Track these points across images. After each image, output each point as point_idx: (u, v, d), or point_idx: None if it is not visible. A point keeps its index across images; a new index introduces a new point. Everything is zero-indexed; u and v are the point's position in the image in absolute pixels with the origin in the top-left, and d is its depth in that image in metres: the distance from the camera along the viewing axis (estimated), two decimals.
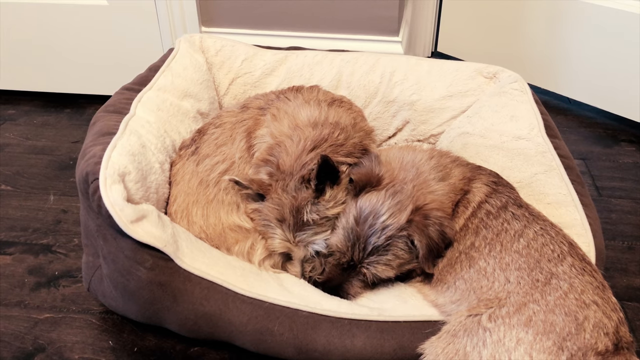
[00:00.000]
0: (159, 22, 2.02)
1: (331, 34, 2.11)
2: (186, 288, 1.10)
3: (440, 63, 1.68)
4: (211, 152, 1.28)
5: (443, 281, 1.11)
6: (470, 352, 0.97)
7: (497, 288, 1.02)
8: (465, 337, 0.99)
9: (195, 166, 1.27)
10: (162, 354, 1.21)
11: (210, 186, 1.24)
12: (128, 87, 1.46)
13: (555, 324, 0.96)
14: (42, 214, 1.62)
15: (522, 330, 0.96)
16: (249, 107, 1.36)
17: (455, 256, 1.11)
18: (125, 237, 1.08)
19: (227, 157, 1.27)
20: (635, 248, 1.51)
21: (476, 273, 1.06)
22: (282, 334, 1.09)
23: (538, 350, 0.94)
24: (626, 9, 1.87)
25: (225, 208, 1.24)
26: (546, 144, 1.35)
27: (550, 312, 0.97)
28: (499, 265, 1.05)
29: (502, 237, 1.09)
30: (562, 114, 2.12)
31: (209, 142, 1.30)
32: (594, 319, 0.96)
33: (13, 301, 1.34)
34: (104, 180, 1.07)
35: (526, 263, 1.04)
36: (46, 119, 2.11)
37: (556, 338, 0.95)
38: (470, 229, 1.13)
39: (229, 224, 1.23)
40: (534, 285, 1.00)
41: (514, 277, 1.03)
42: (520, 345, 0.95)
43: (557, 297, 0.99)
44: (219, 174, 1.25)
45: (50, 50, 2.09)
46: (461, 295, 1.06)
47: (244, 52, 1.70)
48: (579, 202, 1.21)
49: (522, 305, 0.99)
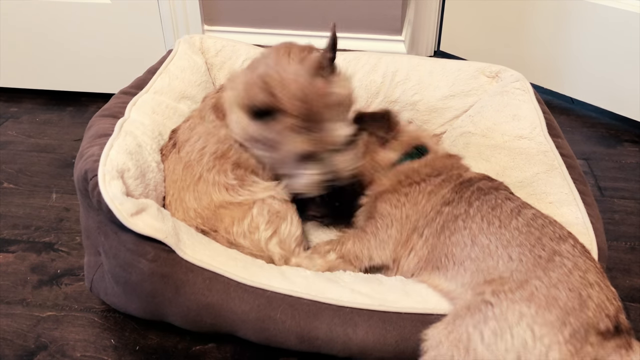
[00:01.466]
0: (162, 20, 2.02)
1: None
2: (188, 279, 1.11)
3: (442, 62, 1.68)
4: (187, 137, 1.30)
5: (447, 265, 1.10)
6: (472, 333, 0.95)
7: (501, 267, 1.01)
8: (468, 315, 0.97)
9: (178, 154, 1.30)
10: (164, 352, 1.21)
11: (194, 165, 1.26)
12: (125, 91, 1.47)
13: (558, 299, 0.94)
14: (44, 212, 1.62)
15: (524, 305, 0.94)
16: (207, 96, 1.40)
17: (449, 220, 1.13)
18: (126, 231, 1.09)
19: (202, 134, 1.29)
20: (638, 249, 1.50)
21: (481, 252, 1.06)
22: (284, 322, 1.09)
23: (540, 323, 0.92)
24: (630, 9, 1.86)
25: (213, 187, 1.25)
26: (548, 143, 1.35)
27: (554, 287, 0.95)
28: (500, 242, 1.05)
29: (499, 213, 1.09)
30: (564, 114, 2.12)
31: (183, 131, 1.33)
32: (597, 299, 0.95)
33: (15, 299, 1.34)
34: (103, 176, 1.08)
35: (527, 240, 1.03)
36: (49, 117, 2.12)
37: (559, 312, 0.93)
38: (463, 198, 1.15)
39: (220, 202, 1.24)
40: (537, 262, 0.99)
41: (516, 254, 1.02)
42: (522, 320, 0.93)
43: (560, 273, 0.97)
44: (198, 151, 1.27)
45: (53, 48, 2.09)
46: (471, 277, 1.05)
47: (245, 52, 1.70)
48: (580, 201, 1.21)
49: (525, 282, 0.97)
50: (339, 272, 1.24)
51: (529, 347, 0.92)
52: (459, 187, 1.19)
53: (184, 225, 1.20)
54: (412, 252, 1.20)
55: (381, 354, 1.09)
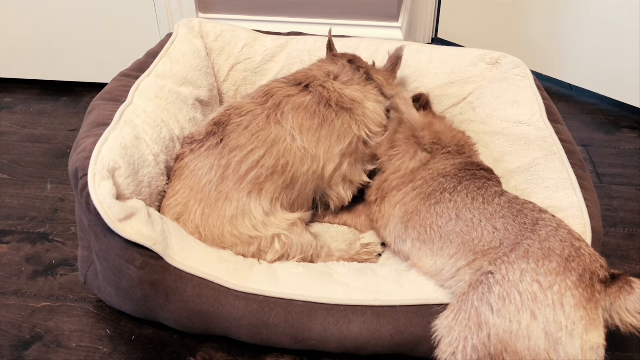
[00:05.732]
0: (156, 9, 2.00)
1: (330, 20, 2.08)
2: (178, 286, 1.09)
3: (442, 50, 1.66)
4: (245, 142, 1.18)
5: (433, 239, 1.11)
6: (480, 306, 0.94)
7: (487, 238, 1.02)
8: (472, 291, 0.96)
9: (219, 160, 1.17)
10: (160, 342, 1.20)
11: (230, 180, 1.16)
12: (126, 74, 1.43)
13: (553, 249, 0.94)
14: (39, 203, 1.61)
15: (523, 262, 0.94)
16: (269, 92, 1.28)
17: (438, 190, 1.15)
18: (115, 236, 1.06)
19: (268, 141, 1.19)
20: (636, 235, 1.49)
21: (465, 225, 1.06)
22: (277, 325, 1.08)
23: (544, 274, 0.91)
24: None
25: (234, 214, 1.16)
26: (548, 129, 1.34)
27: (545, 240, 0.96)
28: (483, 215, 1.06)
29: (484, 192, 1.11)
30: (563, 101, 2.10)
31: (239, 132, 1.20)
32: (589, 250, 0.96)
33: (10, 290, 1.33)
34: (93, 176, 1.05)
35: (510, 212, 1.05)
36: (43, 107, 2.10)
37: (559, 260, 0.92)
38: (457, 176, 1.16)
39: (230, 228, 1.17)
40: (523, 228, 1.00)
41: (501, 224, 1.03)
42: (525, 275, 0.92)
43: (548, 231, 0.98)
44: (253, 162, 1.17)
45: (46, 38, 2.07)
46: (457, 249, 1.06)
47: (245, 37, 1.68)
48: (577, 185, 1.20)
49: (516, 244, 0.98)
50: (333, 264, 1.24)
51: (540, 300, 0.90)
52: (461, 166, 1.20)
53: (175, 227, 1.15)
54: (403, 198, 1.21)
55: (376, 349, 1.09)
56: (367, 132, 1.30)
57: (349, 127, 1.27)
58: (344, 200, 1.36)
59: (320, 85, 1.29)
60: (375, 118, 1.32)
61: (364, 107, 1.30)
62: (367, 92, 1.35)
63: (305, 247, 1.24)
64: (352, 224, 1.41)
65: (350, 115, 1.28)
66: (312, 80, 1.31)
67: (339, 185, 1.32)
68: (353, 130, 1.27)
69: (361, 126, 1.28)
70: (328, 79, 1.33)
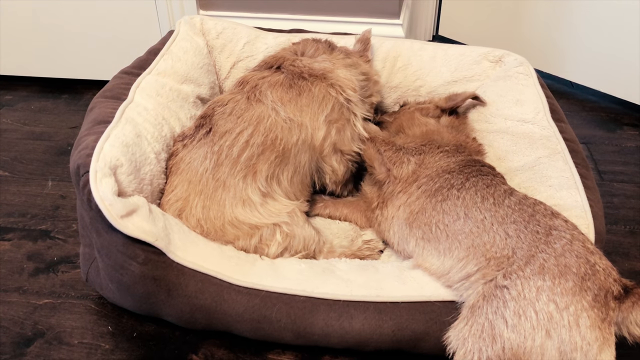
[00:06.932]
0: (157, 5, 1.99)
1: (331, 17, 2.08)
2: (180, 282, 1.09)
3: (444, 48, 1.65)
4: (232, 126, 1.21)
5: (439, 238, 1.10)
6: (494, 320, 0.93)
7: (499, 244, 1.00)
8: (485, 304, 0.95)
9: (211, 146, 1.19)
10: (162, 338, 1.21)
11: (225, 165, 1.18)
12: (127, 71, 1.43)
13: (569, 266, 0.93)
14: (40, 200, 1.61)
15: (539, 279, 0.92)
16: (244, 79, 1.33)
17: (445, 186, 1.13)
18: (117, 232, 1.06)
19: (253, 119, 1.21)
20: (637, 232, 1.50)
21: (475, 226, 1.05)
22: (279, 321, 1.08)
23: (560, 293, 0.90)
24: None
25: (233, 199, 1.18)
26: (551, 128, 1.34)
27: (561, 256, 0.94)
28: (495, 218, 1.04)
29: (493, 191, 1.09)
30: (564, 98, 2.10)
31: (224, 118, 1.23)
32: (602, 265, 0.95)
33: (12, 287, 1.33)
34: (94, 173, 1.04)
35: (521, 217, 1.03)
36: (44, 105, 2.09)
37: (575, 278, 0.91)
38: (463, 172, 1.15)
39: (231, 218, 1.18)
40: (536, 237, 0.99)
41: (513, 230, 1.01)
42: (542, 294, 0.91)
43: (562, 244, 0.96)
44: (243, 143, 1.19)
45: (47, 35, 2.06)
46: (467, 252, 1.04)
47: (246, 34, 1.67)
48: (581, 185, 1.20)
49: (531, 256, 0.96)
50: (335, 260, 1.24)
51: (555, 320, 0.89)
52: (465, 163, 1.19)
53: (176, 223, 1.16)
54: (407, 199, 1.19)
55: (378, 344, 1.09)
56: (345, 96, 1.32)
57: (327, 93, 1.30)
58: (338, 174, 1.36)
59: (290, 65, 1.33)
60: (348, 83, 1.33)
61: (336, 75, 1.33)
62: (334, 60, 1.37)
63: (308, 241, 1.24)
64: (353, 219, 1.41)
65: (325, 82, 1.31)
66: (283, 61, 1.35)
67: (332, 157, 1.33)
68: (332, 95, 1.30)
69: (338, 90, 1.31)
70: (296, 57, 1.37)
